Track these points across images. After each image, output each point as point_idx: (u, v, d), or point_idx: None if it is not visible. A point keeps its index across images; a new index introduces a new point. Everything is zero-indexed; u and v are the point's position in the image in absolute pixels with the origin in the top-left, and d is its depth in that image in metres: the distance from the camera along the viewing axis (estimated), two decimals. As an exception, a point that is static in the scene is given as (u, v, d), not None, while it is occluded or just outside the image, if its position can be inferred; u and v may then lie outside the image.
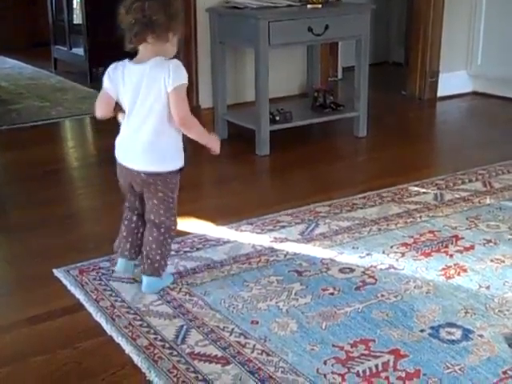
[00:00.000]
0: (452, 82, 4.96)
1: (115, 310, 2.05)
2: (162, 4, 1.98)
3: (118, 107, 2.11)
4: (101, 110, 2.11)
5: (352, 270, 2.30)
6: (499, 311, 2.03)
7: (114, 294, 2.15)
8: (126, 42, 2.01)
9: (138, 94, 2.02)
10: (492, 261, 2.36)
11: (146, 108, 2.02)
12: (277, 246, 2.50)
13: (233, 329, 1.95)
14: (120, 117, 2.12)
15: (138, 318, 2.01)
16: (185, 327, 1.96)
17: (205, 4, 3.90)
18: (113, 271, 2.29)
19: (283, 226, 2.67)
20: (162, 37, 2.01)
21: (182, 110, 2.01)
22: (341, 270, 2.31)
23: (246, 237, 2.57)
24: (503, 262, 2.36)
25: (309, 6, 3.79)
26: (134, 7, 1.96)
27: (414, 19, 4.94)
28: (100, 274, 2.29)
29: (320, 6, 3.80)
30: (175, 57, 2.09)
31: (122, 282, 2.23)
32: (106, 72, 2.08)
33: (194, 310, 2.05)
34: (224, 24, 3.80)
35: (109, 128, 2.28)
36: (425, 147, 3.92)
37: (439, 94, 4.92)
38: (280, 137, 3.74)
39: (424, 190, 3.06)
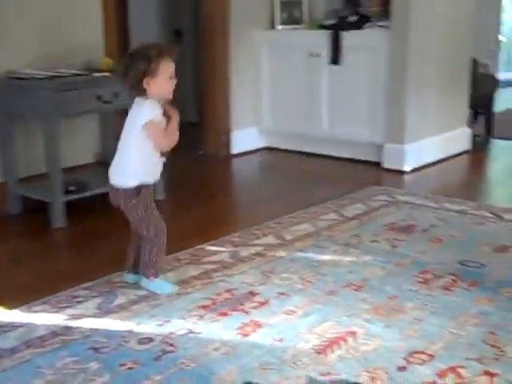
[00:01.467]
0: (245, 138, 5.20)
1: None
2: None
3: None
4: None
5: (151, 340, 2.28)
6: (293, 363, 2.11)
7: None
8: None
9: None
10: (285, 313, 2.46)
11: None
12: (73, 323, 2.42)
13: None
14: None
15: None
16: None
17: (-13, 77, 3.77)
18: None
19: (79, 302, 2.59)
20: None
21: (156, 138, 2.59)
22: (140, 341, 2.28)
23: (40, 318, 2.46)
24: (295, 312, 2.47)
25: (96, 74, 3.79)
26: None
27: (204, 81, 5.13)
28: None
29: (108, 74, 3.82)
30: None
31: None
32: None
33: (-18, 406, 1.92)
34: (10, 96, 3.69)
35: None
36: (222, 205, 4.03)
37: (234, 151, 5.12)
38: (77, 207, 3.67)
39: (221, 249, 3.14)
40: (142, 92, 2.50)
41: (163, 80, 2.51)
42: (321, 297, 2.60)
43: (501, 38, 8.56)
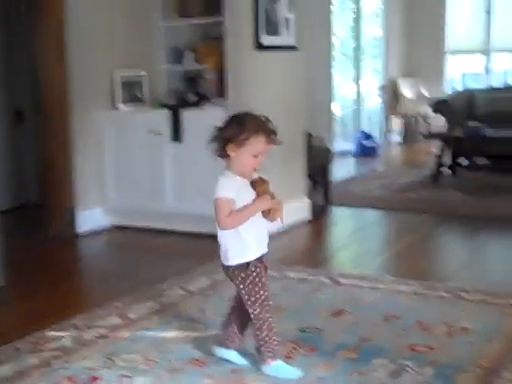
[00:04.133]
0: (90, 218, 5.14)
1: None
2: None
3: None
4: None
5: None
6: None
7: None
8: None
9: None
10: (127, 395, 2.44)
11: None
12: None
13: None
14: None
15: None
16: None
17: None
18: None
19: None
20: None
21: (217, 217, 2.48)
22: None
23: None
24: (138, 394, 2.45)
25: None
26: None
27: (46, 161, 5.07)
28: None
29: None
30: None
31: None
32: None
33: None
34: None
35: None
36: (66, 288, 3.93)
37: (79, 231, 5.04)
38: None
39: (62, 334, 3.05)
40: (225, 157, 2.46)
41: (247, 155, 2.42)
42: (165, 376, 2.60)
43: (335, 111, 9.17)
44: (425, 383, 2.47)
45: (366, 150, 8.87)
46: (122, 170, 5.22)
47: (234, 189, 2.43)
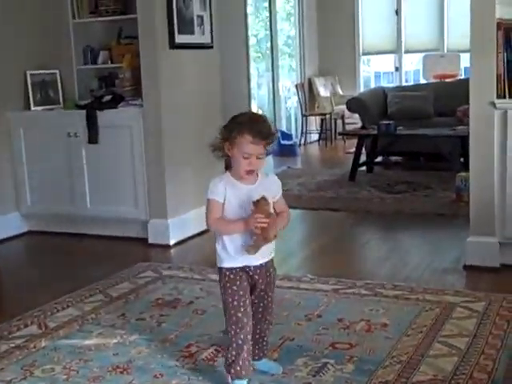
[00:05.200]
0: (5, 224, 4.98)
1: None
2: None
3: None
4: None
5: None
6: None
7: None
8: None
9: None
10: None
11: None
12: None
13: None
14: None
15: None
16: None
17: None
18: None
19: None
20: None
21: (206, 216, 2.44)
22: None
23: None
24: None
25: None
26: None
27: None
28: None
29: None
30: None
31: None
32: None
33: None
34: None
35: None
36: (-20, 297, 3.81)
37: (-6, 237, 4.89)
38: None
39: (-22, 346, 2.96)
40: (225, 156, 2.40)
41: (238, 155, 2.33)
42: (86, 385, 2.56)
43: (253, 106, 9.22)
44: (346, 379, 2.52)
45: (284, 149, 8.96)
46: (38, 174, 5.08)
47: (222, 191, 2.37)
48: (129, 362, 2.73)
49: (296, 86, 10.16)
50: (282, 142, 9.07)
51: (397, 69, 10.67)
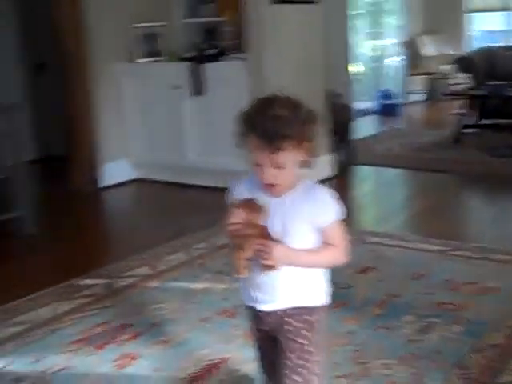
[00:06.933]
0: (114, 171, 5.17)
1: None
2: None
3: None
4: None
5: (23, 379, 2.24)
6: (171, 392, 2.15)
7: None
8: None
9: None
10: (159, 343, 2.49)
11: None
12: None
13: None
14: None
15: None
16: None
17: None
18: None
19: None
20: None
21: None
22: (12, 381, 2.22)
23: None
24: (170, 342, 2.50)
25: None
26: None
27: (69, 116, 5.07)
28: None
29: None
30: None
31: None
32: None
33: None
34: None
35: None
36: (94, 238, 3.98)
37: (103, 183, 5.08)
38: None
39: (94, 282, 3.11)
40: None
41: (250, 152, 1.63)
42: (194, 325, 2.65)
43: (355, 69, 9.04)
44: (452, 340, 2.50)
45: (387, 109, 8.81)
46: (144, 125, 5.22)
47: (238, 197, 1.69)
48: (236, 307, 2.80)
49: (400, 44, 9.89)
50: (384, 101, 8.90)
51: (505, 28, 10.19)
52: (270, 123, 1.56)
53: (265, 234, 1.59)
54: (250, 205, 1.61)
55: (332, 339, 2.48)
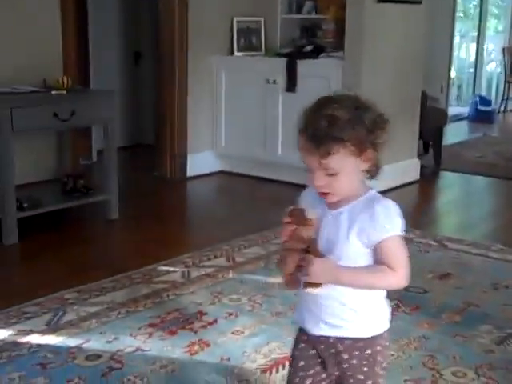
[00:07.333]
0: (200, 162, 5.25)
1: None
2: None
3: None
4: None
5: (99, 357, 2.31)
6: (238, 382, 2.17)
7: None
8: None
9: None
10: (233, 333, 2.52)
11: None
12: (21, 339, 2.43)
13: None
14: None
15: None
16: None
17: None
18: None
19: (29, 318, 2.60)
20: None
21: None
22: (87, 358, 2.30)
23: (-12, 332, 2.47)
24: (243, 332, 2.52)
25: (53, 92, 3.81)
26: None
27: (161, 105, 5.18)
28: None
29: (65, 92, 3.85)
30: None
31: None
32: None
33: None
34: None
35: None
36: (175, 226, 4.07)
37: (189, 174, 5.17)
38: (30, 223, 3.67)
39: (172, 269, 3.18)
40: None
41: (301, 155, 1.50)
42: (268, 318, 2.67)
43: (452, 74, 8.84)
44: (532, 354, 2.41)
45: (481, 115, 8.55)
46: (235, 117, 5.27)
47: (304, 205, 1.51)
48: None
49: (503, 49, 9.58)
50: (480, 107, 8.65)
51: None
52: (322, 123, 1.39)
53: (313, 249, 1.42)
54: (298, 216, 1.45)
55: (404, 342, 2.45)
